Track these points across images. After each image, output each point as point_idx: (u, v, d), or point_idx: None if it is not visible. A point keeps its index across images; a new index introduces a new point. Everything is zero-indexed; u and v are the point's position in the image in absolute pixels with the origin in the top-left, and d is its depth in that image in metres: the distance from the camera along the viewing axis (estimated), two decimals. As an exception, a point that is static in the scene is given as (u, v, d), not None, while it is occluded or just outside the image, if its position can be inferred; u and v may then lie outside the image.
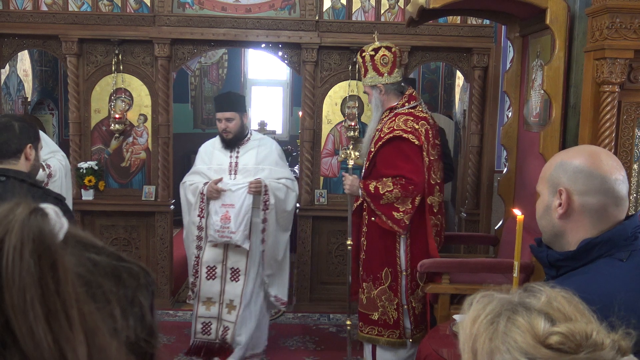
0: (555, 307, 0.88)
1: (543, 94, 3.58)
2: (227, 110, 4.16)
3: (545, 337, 0.84)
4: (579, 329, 0.84)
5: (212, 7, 5.19)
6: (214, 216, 4.06)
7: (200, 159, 4.32)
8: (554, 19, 3.36)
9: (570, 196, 1.63)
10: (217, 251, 4.18)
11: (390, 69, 3.83)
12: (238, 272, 4.20)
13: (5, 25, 5.09)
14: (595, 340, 0.83)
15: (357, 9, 5.22)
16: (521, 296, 0.92)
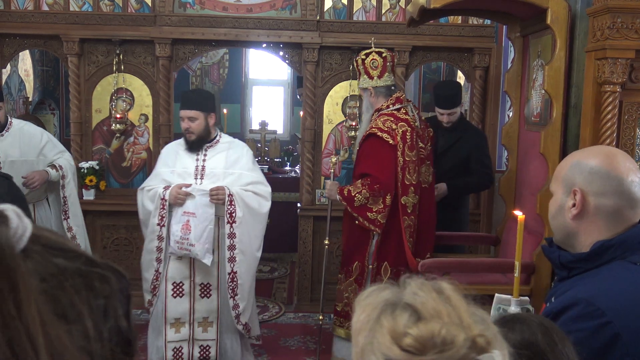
0: (421, 301, 0.84)
1: (544, 93, 3.58)
2: (189, 108, 3.81)
3: (401, 337, 0.81)
4: (429, 329, 0.81)
5: (213, 7, 5.19)
6: (175, 225, 3.67)
7: (162, 161, 3.95)
8: (555, 19, 3.36)
9: (585, 197, 1.60)
10: (182, 265, 3.78)
11: (380, 72, 3.96)
12: (209, 288, 3.81)
13: (7, 25, 5.10)
14: (444, 338, 0.80)
15: (358, 9, 5.22)
16: (394, 292, 0.88)
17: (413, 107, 4.03)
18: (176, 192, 3.67)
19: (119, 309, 0.67)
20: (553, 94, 3.41)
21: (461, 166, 4.53)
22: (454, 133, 4.55)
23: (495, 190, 4.91)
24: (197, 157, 3.87)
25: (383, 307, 0.85)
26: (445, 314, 0.83)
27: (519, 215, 2.51)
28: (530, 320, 1.34)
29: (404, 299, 0.85)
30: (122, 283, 0.69)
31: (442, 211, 4.51)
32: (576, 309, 1.47)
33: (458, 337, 0.80)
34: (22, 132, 4.25)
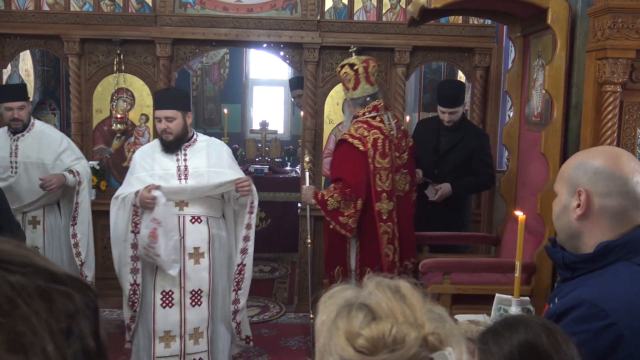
0: (376, 301, 0.85)
1: (544, 93, 3.58)
2: (167, 107, 3.64)
3: (354, 338, 0.82)
4: (380, 329, 0.82)
5: (213, 7, 5.19)
6: (143, 230, 3.48)
7: (138, 165, 3.71)
8: (556, 19, 3.36)
9: (590, 197, 1.58)
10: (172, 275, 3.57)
11: (354, 85, 4.00)
12: (200, 295, 3.63)
13: (7, 25, 5.10)
14: (395, 338, 0.81)
15: (358, 9, 5.22)
16: (353, 292, 0.89)
17: (391, 116, 4.08)
18: (144, 195, 3.47)
19: (85, 328, 0.61)
20: (554, 94, 3.41)
21: (463, 166, 4.53)
22: (456, 133, 4.55)
23: (496, 190, 4.91)
24: (177, 158, 3.72)
25: (340, 308, 0.86)
26: (400, 313, 0.83)
27: (519, 216, 2.51)
28: (533, 322, 1.34)
29: (360, 299, 0.86)
30: (88, 297, 0.63)
31: (445, 212, 4.51)
32: (580, 310, 1.47)
33: (409, 335, 0.81)
34: (43, 135, 4.29)
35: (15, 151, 4.26)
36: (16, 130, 4.24)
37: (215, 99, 9.94)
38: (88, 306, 0.62)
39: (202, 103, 9.83)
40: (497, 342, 1.30)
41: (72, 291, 0.61)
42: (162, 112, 3.67)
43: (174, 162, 3.71)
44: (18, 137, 4.26)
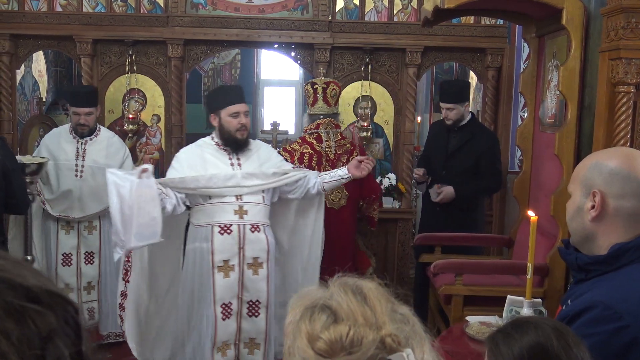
0: (338, 302, 0.86)
1: (559, 94, 3.55)
2: (243, 101, 3.54)
3: (315, 341, 0.83)
4: (338, 331, 0.83)
5: (225, 7, 5.20)
6: None
7: (187, 166, 3.49)
8: (570, 19, 3.34)
9: (605, 198, 1.57)
10: (231, 282, 3.44)
11: (312, 102, 4.34)
12: (257, 306, 3.50)
13: (21, 26, 5.13)
14: (352, 340, 0.82)
15: (370, 9, 5.21)
16: (319, 294, 0.90)
17: (333, 134, 4.27)
18: None
19: (63, 348, 0.56)
20: (568, 94, 3.38)
21: (471, 168, 4.51)
22: (465, 134, 4.54)
23: (508, 191, 4.88)
24: (231, 162, 3.53)
25: (304, 309, 0.88)
26: (360, 315, 0.84)
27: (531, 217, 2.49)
28: (543, 323, 1.33)
29: (322, 301, 0.87)
30: (68, 313, 0.59)
31: (455, 213, 4.49)
32: (593, 312, 1.46)
33: (367, 337, 0.81)
34: (110, 143, 4.39)
35: (83, 154, 4.28)
36: (82, 134, 4.27)
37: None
38: (68, 323, 0.58)
39: (214, 103, 9.84)
40: (507, 343, 1.30)
41: (47, 309, 0.56)
42: (239, 106, 3.49)
43: (229, 166, 3.51)
44: (86, 141, 4.29)
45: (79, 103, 4.25)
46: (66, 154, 4.26)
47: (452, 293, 3.59)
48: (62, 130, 4.39)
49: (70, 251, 4.34)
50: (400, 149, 5.31)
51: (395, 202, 5.27)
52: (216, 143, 3.58)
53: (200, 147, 3.60)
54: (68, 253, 4.34)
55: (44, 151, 4.24)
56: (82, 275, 4.35)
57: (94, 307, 4.42)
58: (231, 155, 3.53)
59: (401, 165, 5.29)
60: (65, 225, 4.30)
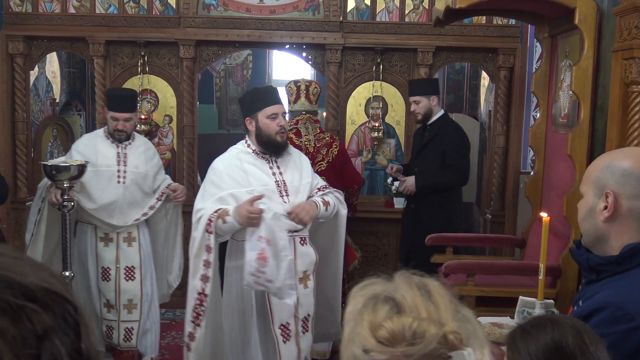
0: (402, 295, 0.87)
1: (571, 94, 3.53)
2: (280, 102, 3.30)
3: (377, 329, 0.85)
4: (401, 322, 0.84)
5: (236, 8, 5.21)
6: (249, 253, 2.99)
7: (228, 178, 3.19)
8: (583, 19, 3.31)
9: (618, 199, 1.56)
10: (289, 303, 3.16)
11: (294, 99, 4.42)
12: (308, 320, 3.29)
13: (35, 27, 5.18)
14: (415, 332, 0.82)
15: (381, 10, 5.20)
16: (382, 286, 0.92)
17: (312, 129, 4.32)
18: (248, 209, 2.96)
19: (60, 347, 0.56)
20: (580, 94, 3.36)
21: (438, 165, 4.47)
22: (433, 130, 4.54)
23: (521, 191, 4.86)
24: (272, 172, 3.26)
25: (367, 299, 0.89)
26: (424, 309, 0.85)
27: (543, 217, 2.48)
28: (562, 321, 1.33)
29: (386, 293, 0.89)
30: (66, 311, 0.58)
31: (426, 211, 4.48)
32: (605, 313, 1.46)
33: (429, 331, 0.82)
34: (147, 147, 4.14)
35: (124, 159, 3.98)
36: (120, 140, 3.99)
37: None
38: (66, 321, 0.58)
39: (225, 104, 9.88)
40: (524, 340, 1.32)
41: (44, 308, 0.56)
42: (277, 107, 3.27)
43: (270, 176, 3.24)
44: (125, 145, 4.00)
45: (119, 107, 3.94)
46: (107, 159, 3.94)
47: (464, 294, 3.58)
48: (98, 135, 4.07)
49: (109, 265, 3.96)
50: (411, 150, 5.29)
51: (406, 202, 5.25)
52: (254, 151, 3.30)
53: (237, 157, 3.29)
54: (107, 267, 3.97)
55: (77, 157, 3.88)
56: (121, 292, 3.95)
57: (134, 328, 3.99)
58: (271, 163, 3.28)
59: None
60: (104, 237, 3.95)
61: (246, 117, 3.30)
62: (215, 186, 3.19)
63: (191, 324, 3.15)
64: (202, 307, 3.12)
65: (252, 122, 3.26)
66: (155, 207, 4.00)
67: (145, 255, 4.04)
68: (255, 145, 3.30)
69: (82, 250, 4.00)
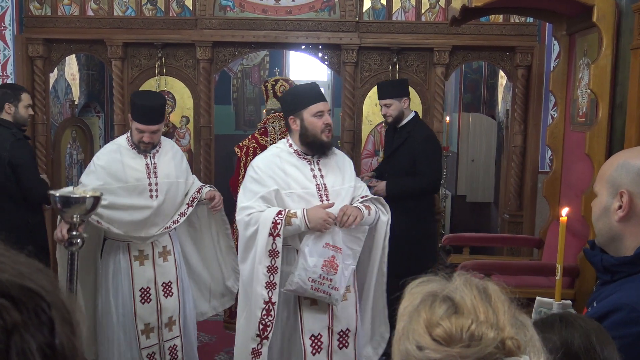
0: (461, 296, 0.87)
1: (590, 93, 3.49)
2: (323, 100, 3.13)
3: (433, 327, 0.84)
4: (460, 323, 0.83)
5: (252, 9, 5.23)
6: (312, 259, 2.87)
7: (267, 178, 3.04)
8: (601, 16, 3.28)
9: (633, 199, 1.53)
10: (320, 312, 3.05)
11: (266, 98, 4.91)
12: (347, 335, 3.14)
13: (54, 30, 5.24)
14: (472, 334, 0.82)
15: (397, 9, 5.19)
16: (440, 285, 0.91)
17: (279, 127, 4.61)
18: (323, 216, 2.89)
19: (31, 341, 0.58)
20: (599, 93, 3.32)
21: (409, 169, 4.31)
22: (403, 133, 4.38)
23: (539, 191, 4.82)
24: (313, 174, 3.11)
25: (424, 297, 0.89)
26: (482, 312, 0.85)
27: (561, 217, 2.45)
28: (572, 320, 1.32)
29: (445, 292, 0.88)
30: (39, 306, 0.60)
31: None
32: (619, 315, 1.44)
33: (487, 335, 0.82)
34: (174, 151, 3.77)
35: (154, 171, 3.60)
36: (146, 151, 3.60)
37: (255, 100, 10.02)
38: (39, 317, 0.59)
39: (243, 105, 9.92)
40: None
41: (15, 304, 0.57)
42: (323, 104, 3.11)
43: (311, 179, 3.10)
44: (153, 154, 3.63)
45: (147, 120, 3.50)
46: (136, 173, 3.55)
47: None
48: (121, 146, 3.62)
49: (148, 285, 3.65)
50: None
51: (423, 202, 5.23)
52: (295, 151, 3.14)
53: (278, 156, 3.13)
54: (146, 288, 3.65)
55: (101, 173, 3.50)
56: (162, 311, 3.67)
57: (177, 345, 3.76)
58: (313, 165, 3.12)
59: (429, 166, 5.24)
60: (139, 255, 3.64)
61: (289, 116, 3.13)
62: (258, 183, 3.05)
63: (256, 339, 2.94)
64: (269, 317, 2.92)
65: (296, 120, 3.09)
66: (186, 214, 3.66)
67: (181, 268, 3.79)
68: (297, 146, 3.14)
69: (113, 271, 3.62)
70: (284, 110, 3.24)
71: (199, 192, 3.71)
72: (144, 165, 3.55)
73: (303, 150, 3.13)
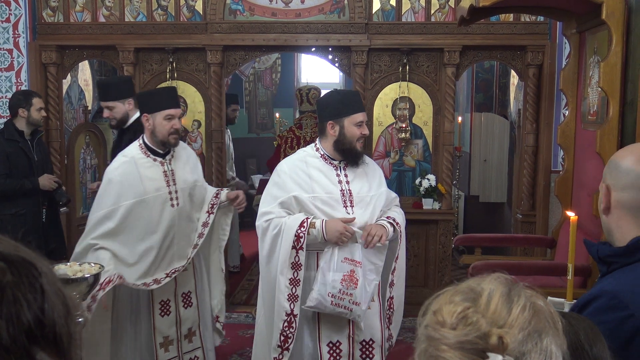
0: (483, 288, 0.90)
1: (600, 91, 3.46)
2: (363, 109, 3.13)
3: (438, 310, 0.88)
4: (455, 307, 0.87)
5: (262, 12, 5.25)
6: (333, 274, 2.83)
7: (291, 181, 3.01)
8: (611, 14, 3.25)
9: (610, 191, 1.63)
10: (341, 320, 2.98)
11: (300, 102, 5.98)
12: (371, 346, 3.04)
13: (67, 37, 5.30)
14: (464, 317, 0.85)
15: (406, 10, 5.18)
16: (479, 279, 0.94)
17: (312, 124, 5.48)
18: (339, 229, 2.84)
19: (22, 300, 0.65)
20: (609, 91, 3.30)
21: None
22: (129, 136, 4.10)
23: (552, 190, 4.78)
24: (339, 180, 3.05)
25: (457, 286, 0.93)
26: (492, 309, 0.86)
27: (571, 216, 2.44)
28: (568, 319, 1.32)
29: (474, 284, 0.92)
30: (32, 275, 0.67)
31: None
32: (600, 302, 1.49)
33: (476, 324, 0.84)
34: (188, 153, 3.61)
35: (172, 177, 3.40)
36: (175, 144, 3.39)
37: (268, 103, 10.06)
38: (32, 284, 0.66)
39: (255, 108, 9.96)
40: None
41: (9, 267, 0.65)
42: (363, 115, 3.09)
43: (336, 184, 3.04)
44: (169, 160, 3.42)
45: (173, 102, 3.33)
46: (154, 182, 3.34)
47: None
48: (134, 156, 3.36)
49: (168, 297, 3.51)
50: (439, 150, 5.26)
51: (435, 203, 5.22)
52: (322, 155, 3.10)
53: (304, 161, 3.09)
54: (166, 300, 3.51)
55: (118, 188, 3.26)
56: (182, 322, 3.56)
57: (199, 357, 3.65)
58: (339, 170, 3.07)
59: (441, 166, 5.24)
60: None
61: (329, 120, 3.05)
62: (279, 188, 3.02)
63: (277, 349, 2.94)
64: (291, 329, 2.90)
65: (335, 126, 3.04)
66: (209, 224, 3.52)
67: (199, 277, 3.67)
68: (326, 150, 3.09)
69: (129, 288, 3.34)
70: (323, 114, 3.13)
71: (217, 197, 3.58)
72: (162, 173, 3.35)
73: (331, 155, 3.09)
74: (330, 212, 2.94)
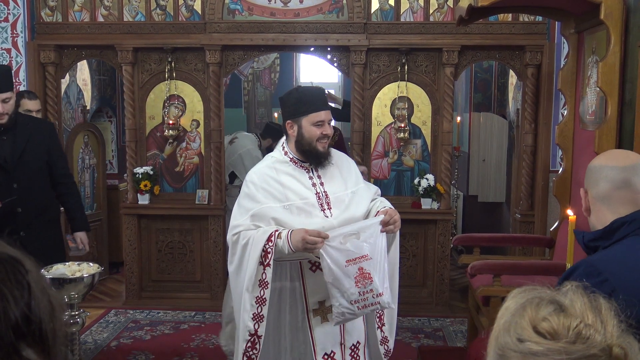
0: (570, 300, 0.89)
1: (599, 91, 3.47)
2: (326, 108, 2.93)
3: (539, 322, 0.86)
4: (568, 321, 0.85)
5: (261, 12, 5.25)
6: (345, 281, 2.65)
7: (262, 192, 2.83)
8: (609, 14, 3.26)
9: (588, 192, 1.82)
10: (333, 328, 2.85)
11: None
12: (358, 348, 2.97)
13: (65, 36, 5.29)
14: (579, 332, 0.83)
15: (405, 10, 5.18)
16: (547, 291, 0.94)
17: None
18: (304, 232, 2.64)
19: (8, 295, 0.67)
20: (607, 91, 3.30)
21: None
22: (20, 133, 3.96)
23: (550, 190, 4.79)
24: (312, 182, 2.91)
25: (531, 298, 0.92)
26: (590, 318, 0.87)
27: (570, 216, 2.45)
28: None
29: (552, 296, 0.92)
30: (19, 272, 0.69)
31: None
32: (579, 271, 1.63)
33: (594, 337, 0.84)
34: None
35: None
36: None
37: (266, 103, 10.06)
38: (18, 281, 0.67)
39: (254, 107, 9.96)
40: None
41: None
42: (325, 113, 2.89)
43: (310, 188, 2.88)
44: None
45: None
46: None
47: (490, 294, 3.54)
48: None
49: None
50: (438, 150, 5.26)
51: (434, 203, 5.23)
52: (292, 159, 2.93)
53: (273, 168, 2.91)
54: None
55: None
56: None
57: None
58: (311, 172, 2.92)
59: (439, 166, 5.24)
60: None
61: (287, 119, 2.92)
62: (250, 199, 2.85)
63: None
64: (254, 351, 2.79)
65: (293, 126, 2.89)
66: None
67: None
68: (293, 153, 2.94)
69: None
70: (283, 112, 3.02)
71: None
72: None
73: (300, 157, 2.93)
74: (306, 220, 2.78)
